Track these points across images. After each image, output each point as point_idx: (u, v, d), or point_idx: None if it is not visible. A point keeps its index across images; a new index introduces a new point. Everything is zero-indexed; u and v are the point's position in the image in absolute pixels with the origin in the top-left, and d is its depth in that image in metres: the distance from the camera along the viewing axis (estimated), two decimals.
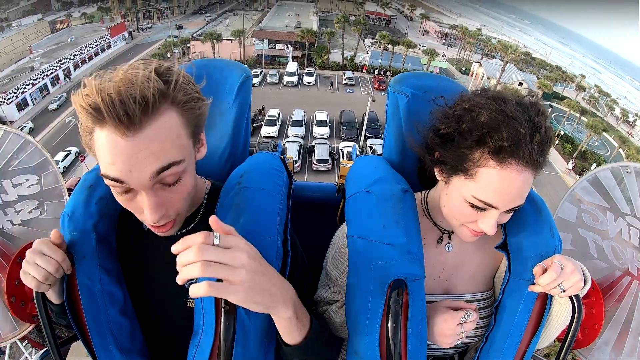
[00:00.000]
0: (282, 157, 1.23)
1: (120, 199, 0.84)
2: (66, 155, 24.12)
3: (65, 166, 23.46)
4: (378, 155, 1.32)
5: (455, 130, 0.94)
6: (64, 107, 31.98)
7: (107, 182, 0.80)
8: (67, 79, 35.82)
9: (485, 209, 0.93)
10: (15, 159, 1.36)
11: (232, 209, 0.96)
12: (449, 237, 1.11)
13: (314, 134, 27.29)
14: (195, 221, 1.04)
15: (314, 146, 24.09)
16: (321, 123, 27.85)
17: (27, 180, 1.38)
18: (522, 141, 0.85)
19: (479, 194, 0.91)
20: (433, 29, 67.15)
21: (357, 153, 1.81)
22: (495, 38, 63.35)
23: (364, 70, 41.62)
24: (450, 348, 1.12)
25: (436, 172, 1.03)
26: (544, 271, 0.95)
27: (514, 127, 0.86)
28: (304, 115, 28.77)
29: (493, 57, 55.30)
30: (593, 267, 1.30)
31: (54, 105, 25.71)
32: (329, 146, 24.24)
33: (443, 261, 1.10)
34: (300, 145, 23.94)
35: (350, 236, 1.03)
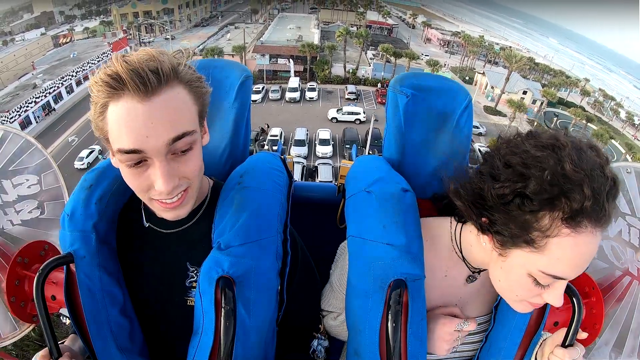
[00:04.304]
0: (282, 157, 1.24)
1: (130, 173, 0.86)
2: (90, 152, 26.67)
3: (89, 162, 25.41)
4: (378, 155, 1.32)
5: (514, 191, 0.79)
6: (67, 126, 32.45)
7: (119, 157, 0.83)
8: (53, 112, 35.58)
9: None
10: (15, 159, 1.37)
11: (232, 209, 0.97)
12: (476, 276, 1.05)
13: (316, 153, 27.07)
14: (196, 217, 1.05)
15: (316, 167, 23.86)
16: (324, 142, 27.63)
17: (27, 180, 1.38)
18: (601, 199, 0.74)
19: (548, 269, 0.79)
20: (435, 36, 67.70)
21: (357, 153, 1.82)
22: (497, 44, 63.76)
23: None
24: (447, 358, 1.11)
25: (484, 239, 0.90)
26: None
27: (592, 185, 0.73)
28: (307, 134, 28.64)
29: (496, 63, 55.57)
30: (593, 267, 1.29)
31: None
32: (332, 166, 23.98)
33: (462, 292, 1.07)
34: (303, 166, 23.76)
35: (351, 236, 1.03)
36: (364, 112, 33.18)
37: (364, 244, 0.98)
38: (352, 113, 33.33)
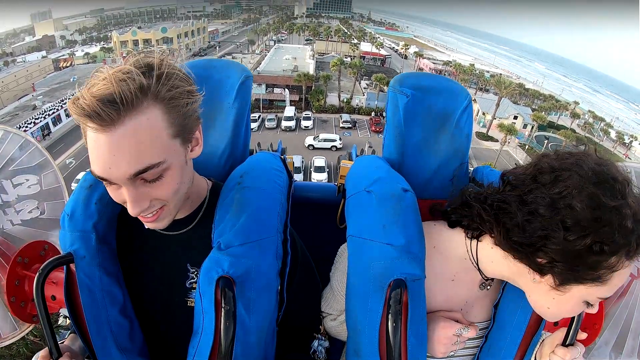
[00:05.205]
0: (282, 157, 1.24)
1: (108, 190, 0.86)
2: None
3: None
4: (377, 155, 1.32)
5: (594, 239, 0.76)
6: (64, 148, 32.53)
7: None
8: (47, 136, 35.55)
9: None
10: (15, 159, 1.36)
11: (232, 209, 0.97)
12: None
13: (312, 180, 27.14)
14: (196, 220, 1.05)
15: None
16: (319, 169, 28.13)
17: (27, 180, 1.38)
18: None
19: (606, 294, 0.84)
20: (427, 66, 69.19)
21: (357, 153, 1.82)
22: (488, 72, 65.31)
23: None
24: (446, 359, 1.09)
25: (536, 277, 0.87)
26: None
27: None
28: (302, 162, 29.07)
29: (487, 90, 56.74)
30: None
31: None
32: None
33: (468, 296, 1.06)
34: None
35: (350, 236, 1.02)
36: (340, 139, 34.02)
37: (364, 243, 0.97)
38: (328, 140, 34.11)
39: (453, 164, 1.22)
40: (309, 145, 33.55)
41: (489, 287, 1.04)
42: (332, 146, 33.48)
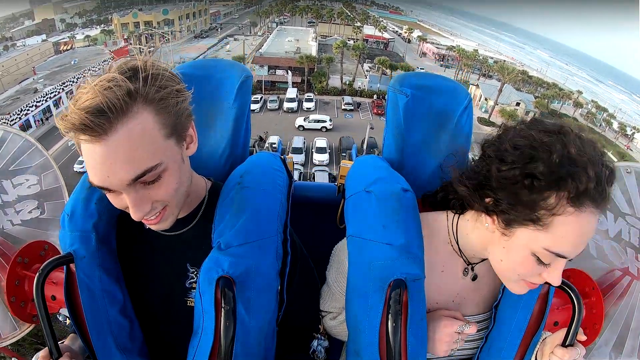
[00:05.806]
0: (282, 157, 1.24)
1: (109, 197, 0.86)
2: None
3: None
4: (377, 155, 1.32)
5: (523, 172, 0.81)
6: None
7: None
8: (46, 121, 35.14)
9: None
10: (15, 159, 1.37)
11: (232, 209, 0.97)
12: (472, 268, 1.06)
13: (313, 160, 27.78)
14: (195, 220, 1.04)
15: (313, 173, 24.77)
16: (321, 150, 28.43)
17: (27, 180, 1.38)
18: (602, 183, 0.79)
19: (552, 246, 0.82)
20: (430, 50, 68.56)
21: (357, 153, 1.81)
22: (491, 58, 64.67)
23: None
24: (446, 358, 1.10)
25: (487, 220, 0.91)
26: None
27: (594, 169, 0.78)
28: (304, 142, 29.42)
29: (490, 76, 56.28)
30: (593, 267, 1.30)
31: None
32: (329, 173, 24.90)
33: (459, 288, 1.07)
34: (300, 173, 24.93)
35: (350, 236, 1.03)
36: (330, 120, 34.15)
37: (364, 243, 0.98)
38: (319, 121, 34.22)
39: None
40: (299, 126, 33.74)
41: (474, 278, 1.05)
42: (322, 127, 33.58)
